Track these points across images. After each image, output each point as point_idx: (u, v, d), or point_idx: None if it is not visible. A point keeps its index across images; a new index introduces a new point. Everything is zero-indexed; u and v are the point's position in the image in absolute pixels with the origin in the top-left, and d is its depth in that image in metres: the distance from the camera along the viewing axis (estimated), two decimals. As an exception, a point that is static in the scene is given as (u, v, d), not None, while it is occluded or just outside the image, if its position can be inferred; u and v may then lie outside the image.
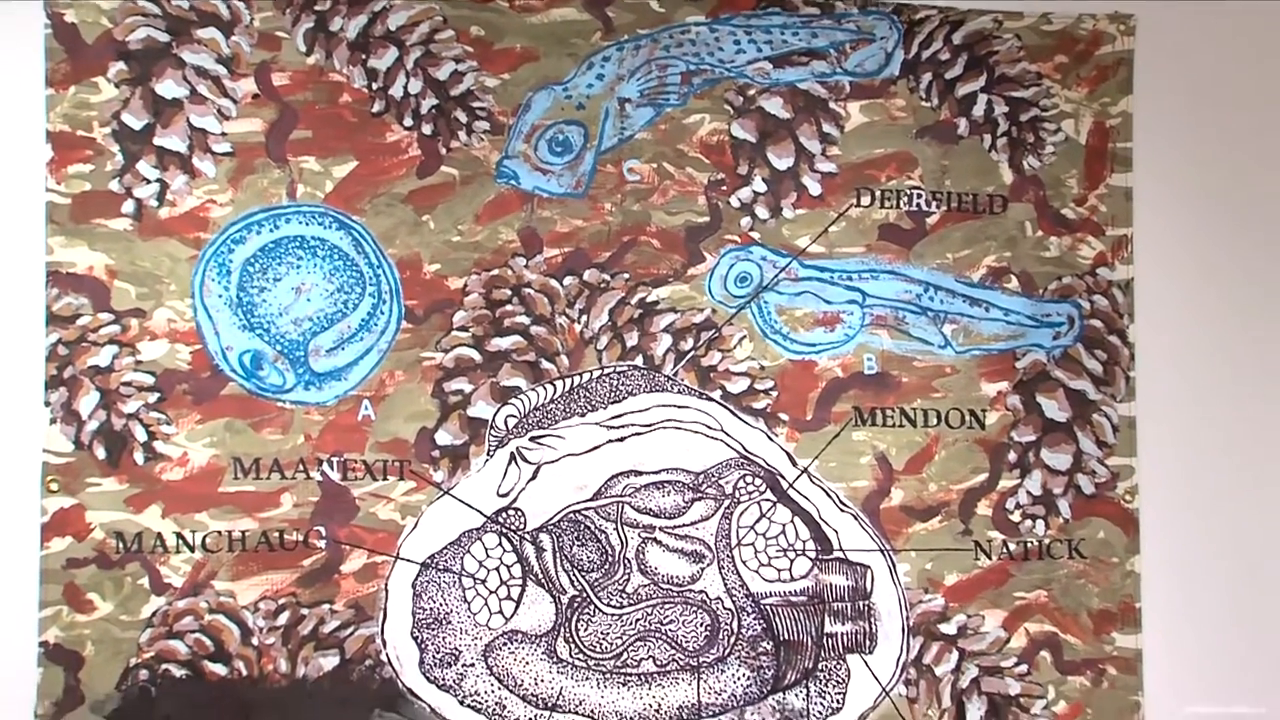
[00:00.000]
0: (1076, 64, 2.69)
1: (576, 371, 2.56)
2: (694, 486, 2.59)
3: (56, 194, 2.42)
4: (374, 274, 2.53)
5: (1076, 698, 2.62)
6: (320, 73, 2.50)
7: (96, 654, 2.39)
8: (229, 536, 2.45)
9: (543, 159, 2.58)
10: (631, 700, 2.54)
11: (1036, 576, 2.63)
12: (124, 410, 2.43)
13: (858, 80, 2.64)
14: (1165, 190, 2.74)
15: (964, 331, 2.64)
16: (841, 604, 2.59)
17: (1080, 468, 2.64)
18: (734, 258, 2.60)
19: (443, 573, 2.52)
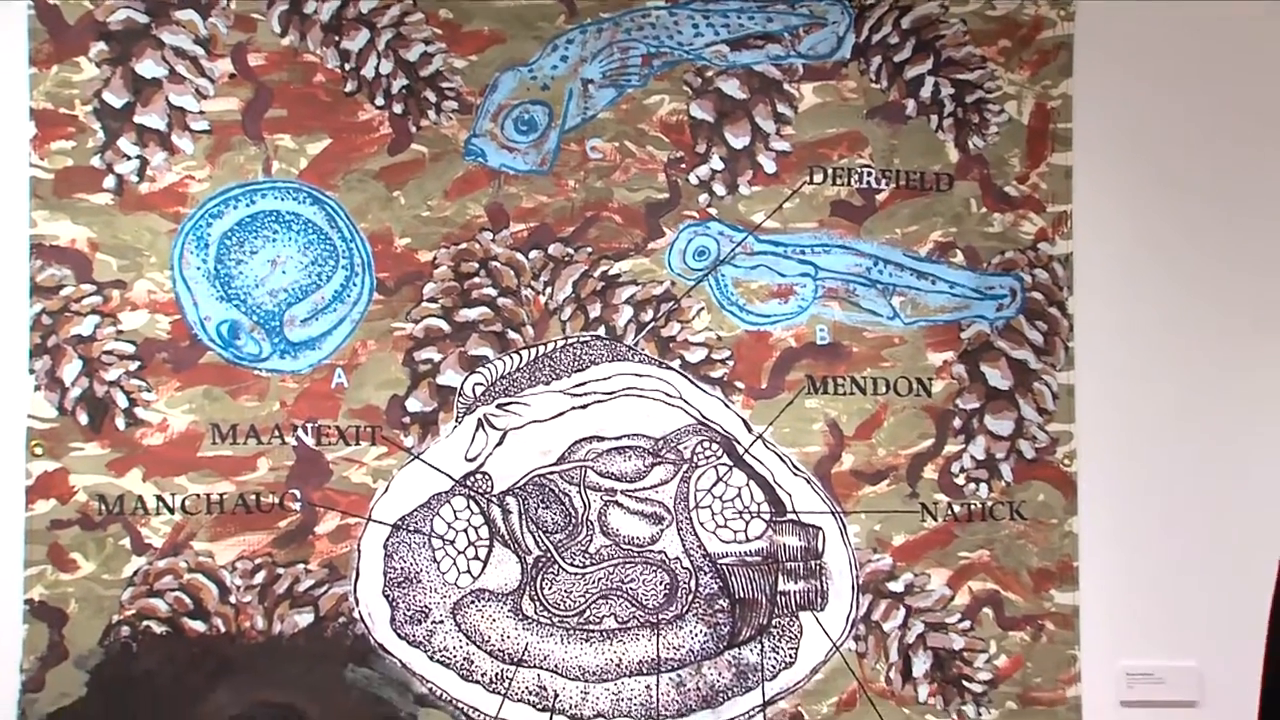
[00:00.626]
0: (1019, 48, 2.74)
1: (541, 341, 2.63)
2: (654, 451, 2.64)
3: (40, 169, 2.49)
4: (347, 247, 2.59)
5: (1017, 652, 2.68)
6: (295, 54, 2.57)
7: (80, 611, 2.45)
8: (207, 499, 2.51)
9: (509, 137, 2.63)
10: (594, 655, 2.60)
11: (980, 537, 2.69)
12: (106, 378, 2.50)
13: (810, 63, 2.70)
14: (1103, 169, 2.79)
15: (911, 303, 2.70)
16: (794, 563, 2.65)
17: (1022, 433, 2.71)
18: (692, 232, 2.67)
19: (413, 534, 2.58)
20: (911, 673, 2.68)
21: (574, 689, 2.60)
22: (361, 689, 2.56)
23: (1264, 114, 2.88)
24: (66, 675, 2.46)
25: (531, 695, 2.58)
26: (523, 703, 2.58)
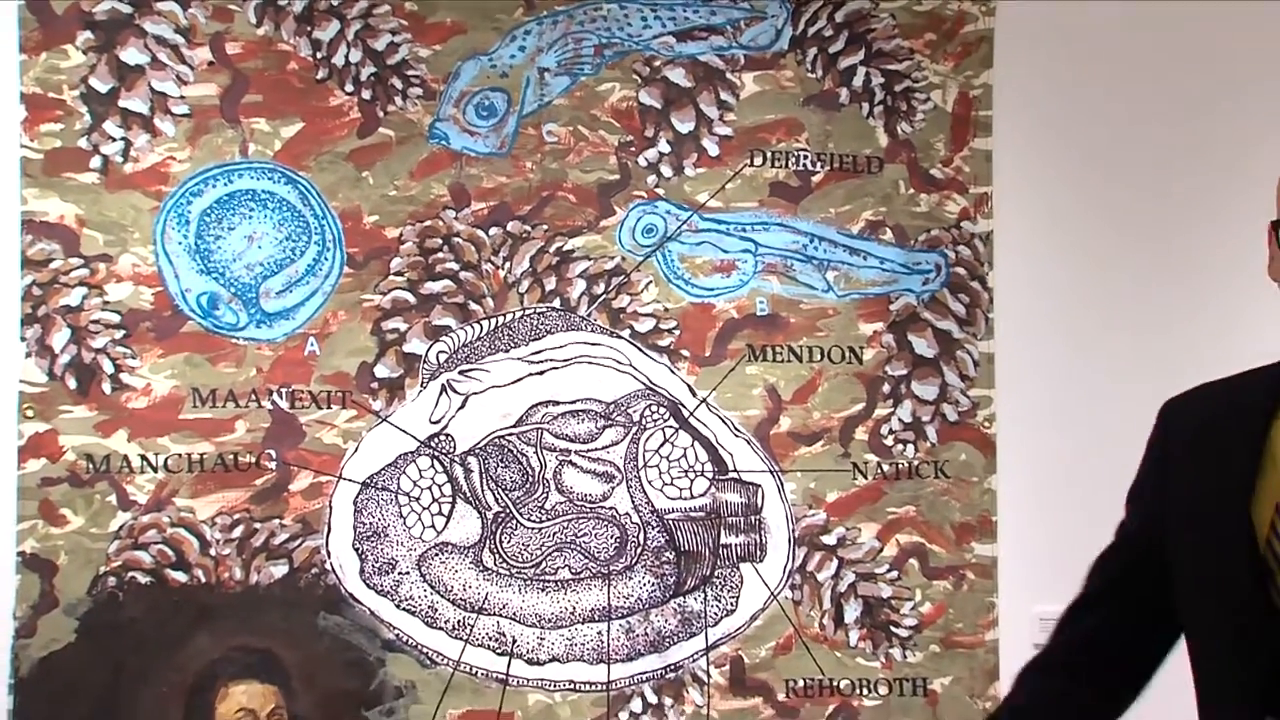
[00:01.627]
0: (944, 41, 2.88)
1: (501, 312, 2.73)
2: (605, 415, 2.75)
3: (30, 150, 2.54)
4: (319, 224, 2.67)
5: (940, 600, 2.82)
6: (269, 43, 2.64)
7: (69, 563, 2.52)
8: (188, 458, 2.58)
9: (470, 122, 2.73)
10: (549, 604, 2.71)
11: (906, 494, 2.83)
12: (93, 345, 2.56)
13: (751, 54, 2.82)
14: (1021, 153, 2.92)
15: (844, 278, 2.83)
16: (735, 518, 2.77)
17: (946, 398, 2.85)
18: (641, 211, 2.77)
19: (381, 491, 2.67)
20: (843, 619, 2.80)
21: (531, 635, 2.70)
22: (333, 635, 2.63)
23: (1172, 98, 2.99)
24: (57, 622, 2.52)
25: (491, 641, 2.67)
26: (483, 648, 2.68)
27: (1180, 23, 3.03)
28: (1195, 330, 2.67)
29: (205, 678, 2.61)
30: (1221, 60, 3.04)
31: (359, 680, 2.66)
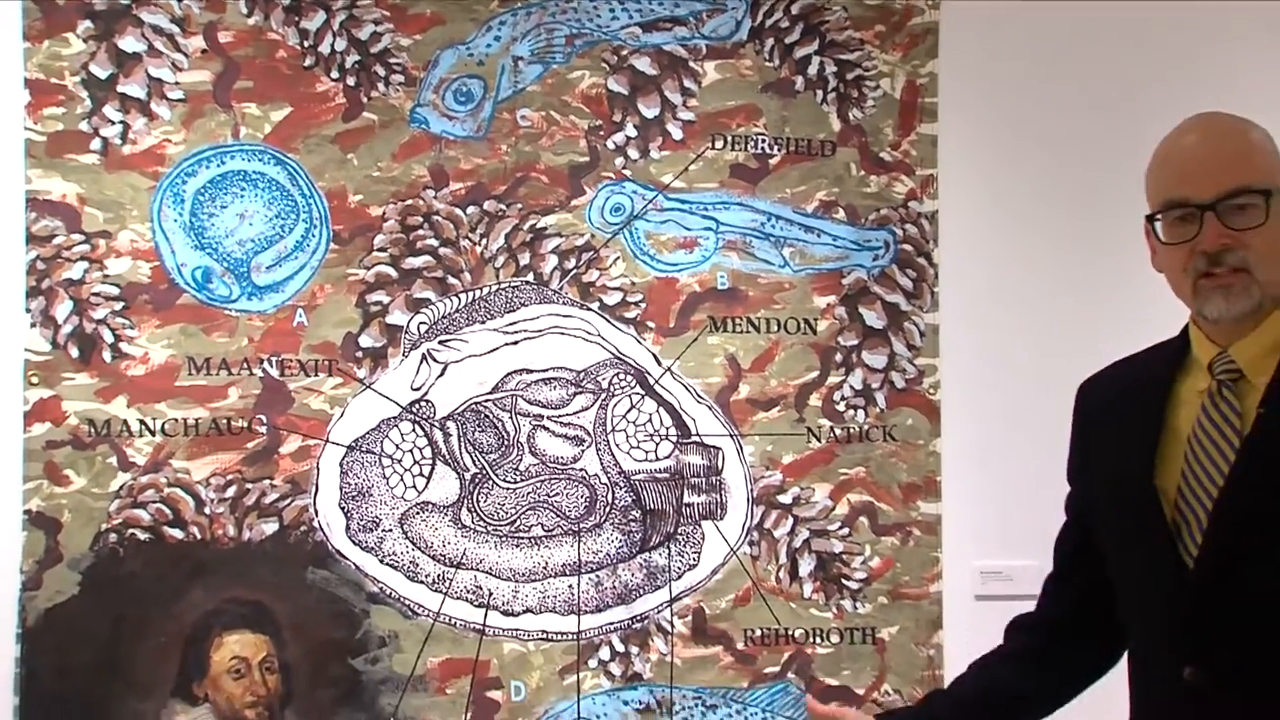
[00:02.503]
0: (892, 32, 2.94)
1: (477, 286, 2.79)
2: (576, 382, 2.82)
3: (34, 132, 2.61)
4: (306, 203, 2.74)
5: (888, 554, 2.90)
6: (260, 32, 2.71)
7: (72, 520, 2.59)
8: (184, 423, 2.65)
9: (449, 107, 2.79)
10: (523, 559, 2.78)
11: (857, 456, 2.89)
12: (94, 316, 2.62)
13: (712, 43, 2.88)
14: (965, 137, 2.99)
15: (800, 254, 2.89)
16: (698, 479, 2.85)
17: (894, 366, 2.92)
18: (609, 191, 2.84)
19: (365, 454, 2.74)
20: (798, 572, 2.87)
21: (506, 588, 2.77)
22: (320, 588, 2.71)
23: (1106, 86, 3.05)
24: (61, 576, 2.59)
25: (469, 593, 2.74)
26: (461, 600, 2.74)
27: (1114, 15, 3.09)
28: (1126, 302, 2.73)
29: (201, 628, 2.67)
30: (1155, 48, 3.11)
31: (345, 630, 2.71)
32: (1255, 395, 1.74)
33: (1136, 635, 1.89)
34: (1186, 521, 1.76)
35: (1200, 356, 1.80)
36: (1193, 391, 1.81)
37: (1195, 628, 1.74)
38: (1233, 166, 1.73)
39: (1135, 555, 1.86)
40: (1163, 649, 1.80)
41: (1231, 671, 1.71)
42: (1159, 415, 1.82)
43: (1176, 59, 3.09)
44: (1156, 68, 3.07)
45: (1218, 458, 1.74)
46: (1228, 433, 1.74)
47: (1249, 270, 1.72)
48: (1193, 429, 1.78)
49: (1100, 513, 1.93)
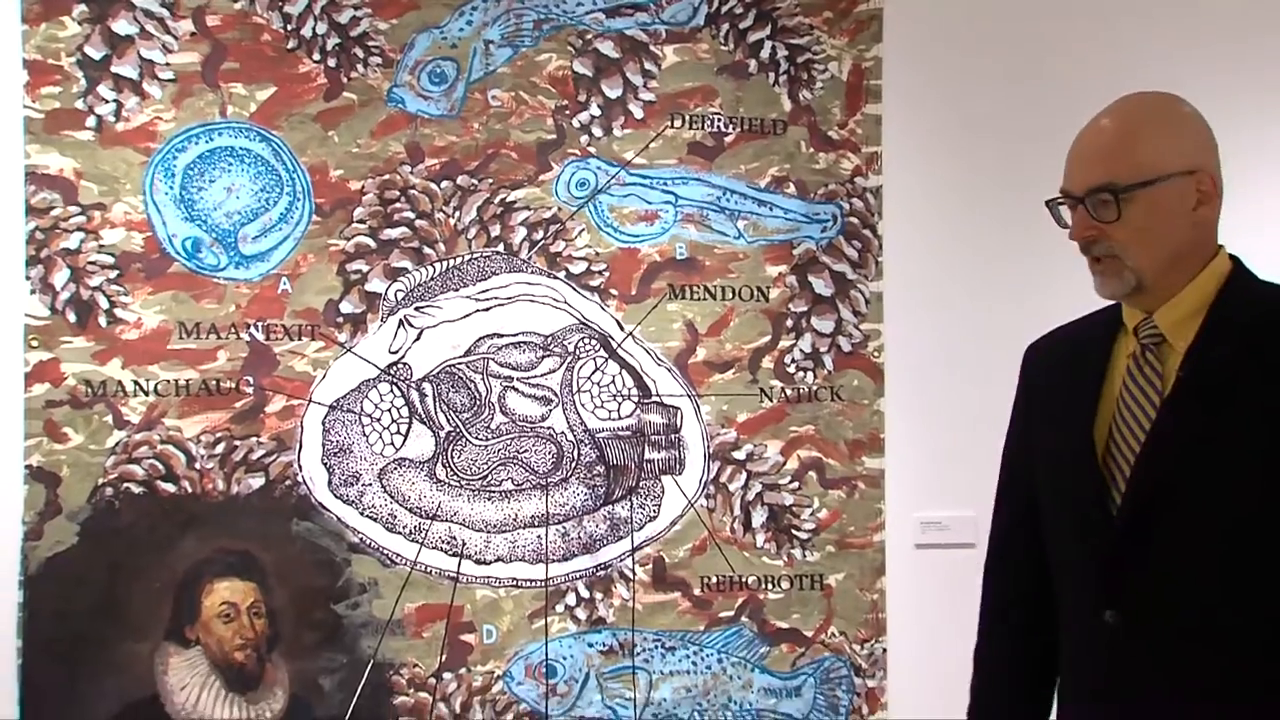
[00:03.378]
0: (839, 19, 3.01)
1: (451, 256, 2.85)
2: (544, 346, 2.88)
3: (32, 110, 2.68)
4: (290, 177, 2.79)
5: (835, 506, 2.97)
6: (245, 16, 2.77)
7: (71, 475, 2.66)
8: (176, 384, 2.72)
9: (424, 88, 2.85)
10: (495, 511, 2.84)
11: (806, 415, 2.97)
12: (90, 284, 2.69)
13: (671, 28, 2.95)
14: (907, 117, 3.06)
15: (753, 226, 2.97)
16: (658, 437, 2.91)
17: (841, 331, 2.98)
18: (575, 167, 2.90)
19: (346, 413, 2.80)
20: (751, 523, 2.95)
21: (478, 539, 2.83)
22: (304, 539, 2.77)
23: (1035, 67, 3.10)
24: (61, 527, 2.66)
25: (443, 544, 2.81)
26: (436, 550, 2.81)
27: (1046, 3, 3.14)
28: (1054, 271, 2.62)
29: (192, 575, 2.73)
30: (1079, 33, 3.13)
31: (327, 578, 2.78)
32: (1176, 358, 1.79)
33: (1065, 581, 1.93)
34: (1113, 475, 1.81)
35: (1128, 321, 1.85)
36: (1123, 354, 1.86)
37: (1115, 574, 1.79)
38: (1100, 163, 1.79)
39: (1069, 507, 1.90)
40: (1088, 594, 1.84)
41: (1145, 615, 1.76)
42: (1098, 375, 1.87)
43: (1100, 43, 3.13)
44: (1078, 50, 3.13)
45: (1141, 416, 1.79)
46: (1150, 393, 1.79)
47: (1118, 257, 1.78)
48: (1120, 389, 1.83)
49: (1040, 465, 1.96)
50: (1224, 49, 3.18)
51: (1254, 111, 3.13)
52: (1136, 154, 1.77)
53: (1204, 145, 1.80)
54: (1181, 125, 1.80)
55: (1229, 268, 1.81)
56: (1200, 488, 1.73)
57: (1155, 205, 1.75)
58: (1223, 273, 1.80)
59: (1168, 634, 1.75)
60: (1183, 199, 1.76)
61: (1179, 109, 1.82)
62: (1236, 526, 1.71)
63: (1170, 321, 1.78)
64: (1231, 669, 1.72)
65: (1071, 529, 1.89)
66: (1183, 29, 3.18)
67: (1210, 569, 1.73)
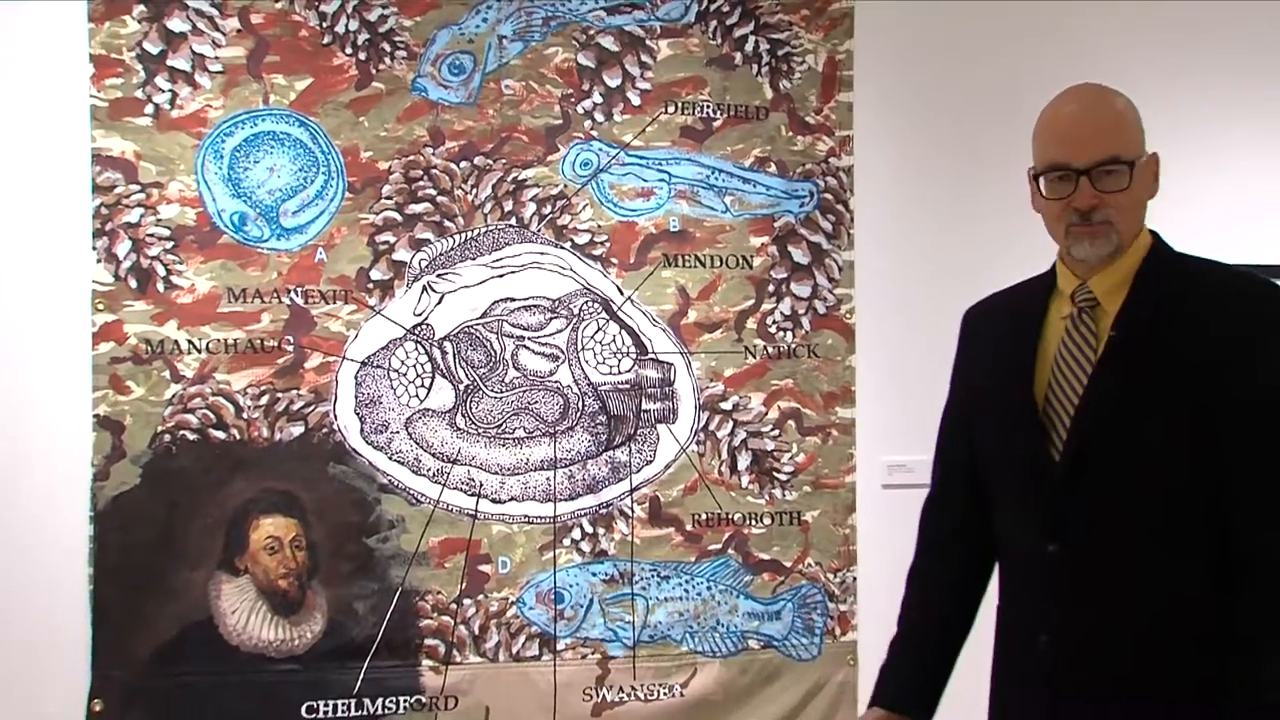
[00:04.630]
0: (815, 16, 3.12)
1: (469, 228, 2.94)
2: (552, 308, 2.96)
3: (97, 99, 2.77)
4: (325, 158, 2.88)
5: (811, 451, 3.10)
6: (286, 14, 2.86)
7: (133, 423, 2.78)
8: (225, 343, 2.81)
9: (444, 78, 2.94)
10: (508, 456, 2.94)
11: (786, 370, 3.08)
12: (149, 254, 2.80)
13: (665, 25, 3.05)
14: (875, 104, 3.16)
15: (739, 201, 3.07)
16: (654, 389, 3.02)
17: (816, 295, 3.10)
18: (579, 149, 3.00)
19: (376, 369, 2.88)
20: (737, 466, 3.06)
21: (494, 480, 2.93)
22: (340, 480, 2.86)
23: (992, 58, 3.21)
24: (125, 469, 2.76)
25: (463, 485, 2.91)
26: (457, 490, 2.91)
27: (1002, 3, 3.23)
28: (1007, 240, 2.67)
29: (241, 512, 2.83)
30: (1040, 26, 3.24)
31: (360, 515, 2.87)
32: (1108, 320, 1.86)
33: (1009, 520, 1.99)
34: (1053, 423, 1.87)
35: (1064, 288, 1.91)
36: (1058, 316, 1.92)
37: (1057, 511, 1.86)
38: (1106, 138, 1.84)
39: (1012, 451, 1.95)
40: (1033, 529, 1.90)
41: (1084, 545, 1.84)
42: (1034, 335, 1.94)
43: (1048, 36, 3.25)
44: (1029, 42, 3.23)
45: (1078, 370, 1.87)
46: (1086, 350, 1.86)
47: (1112, 223, 1.85)
48: (1058, 347, 1.90)
49: (982, 417, 2.02)
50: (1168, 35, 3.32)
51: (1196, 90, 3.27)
52: (1132, 133, 1.86)
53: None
54: (1138, 114, 1.89)
55: (1151, 241, 1.90)
56: (1131, 433, 1.81)
57: (1144, 178, 1.86)
58: (1146, 245, 1.89)
59: (1102, 561, 1.84)
60: (1153, 174, 1.89)
61: (1127, 100, 1.90)
62: (1162, 465, 1.80)
63: (1104, 288, 1.86)
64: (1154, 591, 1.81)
65: (1015, 473, 1.96)
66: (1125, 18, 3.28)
67: (1139, 503, 1.81)
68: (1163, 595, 1.82)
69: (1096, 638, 1.86)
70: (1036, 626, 1.94)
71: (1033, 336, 1.94)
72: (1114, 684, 1.85)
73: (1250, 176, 3.33)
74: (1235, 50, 3.37)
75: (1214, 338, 1.79)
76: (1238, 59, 3.37)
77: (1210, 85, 3.33)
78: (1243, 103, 3.34)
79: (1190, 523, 1.80)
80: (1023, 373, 1.93)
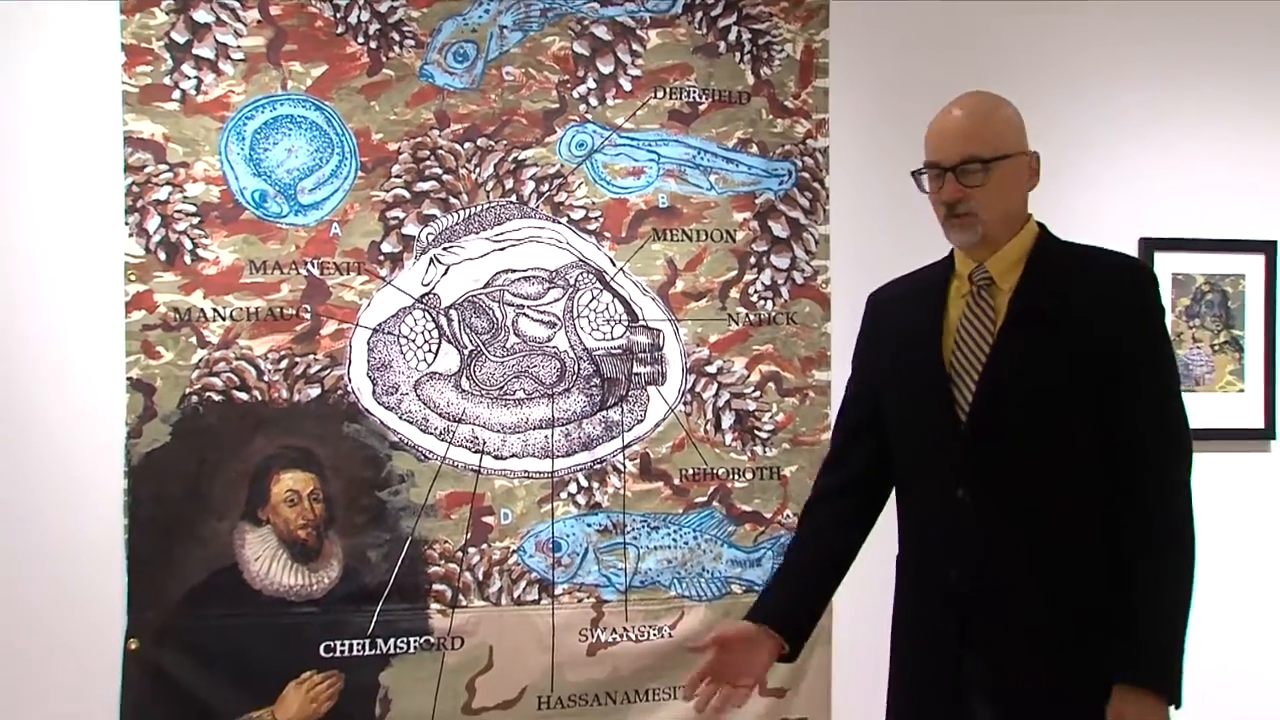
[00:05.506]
0: (793, 7, 3.22)
1: (473, 205, 3.03)
2: (549, 279, 3.07)
3: (129, 85, 2.88)
4: (339, 140, 2.98)
5: (789, 411, 3.22)
6: (302, 6, 2.96)
7: (164, 385, 2.88)
8: (247, 311, 2.91)
9: (450, 65, 3.04)
10: (509, 416, 3.06)
11: (766, 336, 3.19)
12: (176, 229, 2.90)
13: (654, 15, 3.16)
14: (849, 90, 3.28)
15: (723, 180, 3.18)
16: (644, 354, 3.12)
17: (795, 267, 3.21)
18: (575, 131, 3.10)
19: (386, 335, 2.98)
20: (721, 425, 3.17)
21: (496, 438, 3.04)
22: (354, 438, 2.97)
23: (959, 46, 3.31)
24: (156, 428, 2.87)
25: (467, 442, 3.01)
26: (461, 447, 3.01)
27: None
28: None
29: (263, 468, 2.94)
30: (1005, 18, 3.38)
31: (372, 470, 2.97)
32: (1003, 296, 2.05)
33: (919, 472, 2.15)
34: (958, 386, 2.05)
35: (961, 270, 2.11)
36: (958, 294, 2.10)
37: (965, 462, 2.04)
38: (968, 141, 2.04)
39: (921, 412, 2.12)
40: (943, 478, 2.07)
41: (988, 490, 2.03)
42: (937, 309, 2.12)
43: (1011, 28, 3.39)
44: (994, 31, 3.37)
45: (980, 340, 2.05)
46: (985, 322, 2.05)
47: (975, 214, 2.04)
48: (959, 320, 2.08)
49: (890, 384, 2.18)
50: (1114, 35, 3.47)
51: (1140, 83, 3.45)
52: (994, 136, 2.05)
53: (1025, 134, 2.10)
54: (1016, 117, 2.09)
55: (1038, 229, 2.11)
56: (1029, 388, 2.00)
57: (1006, 175, 2.05)
58: (1034, 232, 2.09)
59: (1004, 503, 2.02)
60: (1021, 172, 2.07)
61: (1009, 105, 2.10)
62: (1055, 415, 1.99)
63: (999, 268, 2.07)
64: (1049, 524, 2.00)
65: (925, 429, 2.12)
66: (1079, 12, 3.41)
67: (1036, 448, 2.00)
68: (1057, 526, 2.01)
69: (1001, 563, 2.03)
70: (945, 562, 2.10)
71: (937, 311, 2.12)
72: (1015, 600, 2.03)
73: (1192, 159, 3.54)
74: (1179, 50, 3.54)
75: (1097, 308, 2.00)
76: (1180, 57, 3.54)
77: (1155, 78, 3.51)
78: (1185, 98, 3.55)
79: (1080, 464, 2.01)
80: (931, 341, 2.10)
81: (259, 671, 2.93)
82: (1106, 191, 2.99)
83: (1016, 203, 2.09)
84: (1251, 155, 3.60)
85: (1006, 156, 2.05)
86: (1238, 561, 3.51)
